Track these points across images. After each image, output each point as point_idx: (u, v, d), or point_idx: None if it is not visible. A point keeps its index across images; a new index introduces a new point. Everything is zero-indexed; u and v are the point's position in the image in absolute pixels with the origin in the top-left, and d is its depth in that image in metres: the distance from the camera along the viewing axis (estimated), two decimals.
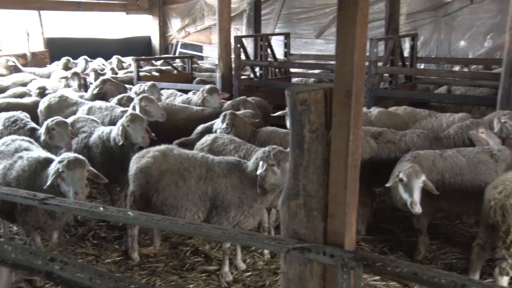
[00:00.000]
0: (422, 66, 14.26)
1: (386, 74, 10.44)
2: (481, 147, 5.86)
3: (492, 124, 6.53)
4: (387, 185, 5.11)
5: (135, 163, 5.36)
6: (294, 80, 12.97)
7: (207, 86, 9.03)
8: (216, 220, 5.06)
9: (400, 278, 2.64)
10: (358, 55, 2.45)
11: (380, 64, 9.75)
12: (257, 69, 12.39)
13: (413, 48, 11.09)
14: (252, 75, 12.44)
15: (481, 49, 15.28)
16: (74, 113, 8.07)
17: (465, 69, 12.40)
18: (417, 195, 4.89)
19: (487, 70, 12.08)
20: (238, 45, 11.03)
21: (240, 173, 5.03)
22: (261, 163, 4.76)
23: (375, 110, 7.63)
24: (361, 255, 2.37)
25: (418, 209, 4.86)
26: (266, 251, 5.66)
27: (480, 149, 5.70)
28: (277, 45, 14.12)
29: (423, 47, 16.02)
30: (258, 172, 4.75)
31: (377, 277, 5.06)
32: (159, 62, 15.51)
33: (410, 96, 10.06)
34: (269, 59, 12.41)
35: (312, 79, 12.58)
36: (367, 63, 9.32)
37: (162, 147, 5.49)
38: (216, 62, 11.44)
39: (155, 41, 21.71)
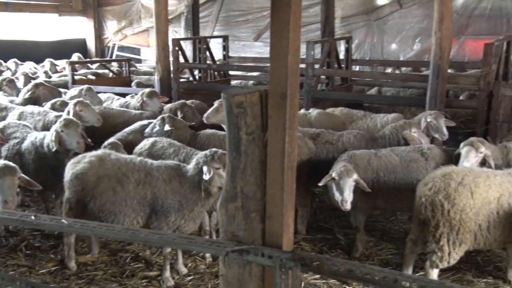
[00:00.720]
0: (357, 68, 14.68)
1: (323, 76, 10.66)
2: (412, 146, 6.11)
3: (420, 123, 6.81)
4: (320, 184, 5.23)
5: (71, 169, 5.20)
6: (234, 82, 13.00)
7: (147, 90, 8.89)
8: (156, 225, 4.99)
9: (337, 276, 2.70)
10: (292, 58, 2.49)
11: (317, 66, 9.94)
12: (196, 72, 12.32)
13: (348, 50, 11.38)
14: (191, 78, 12.36)
15: (410, 52, 15.95)
16: (3, 118, 7.72)
17: (397, 71, 12.87)
18: (347, 194, 5.04)
19: (416, 72, 12.60)
20: (176, 48, 10.93)
21: (180, 177, 4.98)
22: (205, 168, 4.74)
23: (314, 112, 7.78)
24: (299, 255, 2.41)
25: (347, 206, 5.03)
26: (207, 255, 5.63)
27: (411, 148, 5.94)
28: (216, 48, 14.10)
29: (358, 49, 16.50)
30: (205, 177, 4.73)
31: (317, 276, 5.16)
32: (95, 65, 15.10)
33: (346, 97, 10.32)
34: (208, 62, 12.37)
35: (251, 82, 12.65)
36: (304, 66, 9.50)
37: (99, 152, 5.36)
38: (154, 65, 11.28)
39: (91, 44, 21.10)
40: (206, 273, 5.36)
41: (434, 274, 4.63)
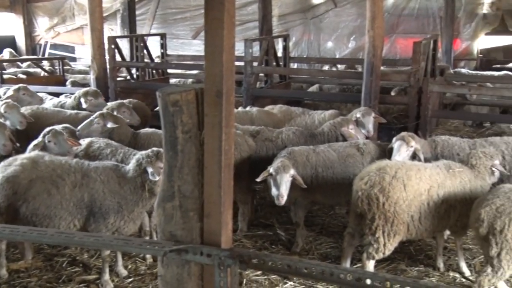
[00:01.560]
0: (295, 66, 14.90)
1: (261, 74, 10.74)
2: (349, 141, 6.27)
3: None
4: (258, 179, 5.29)
5: (1, 172, 4.97)
6: (173, 81, 12.85)
7: (89, 89, 8.64)
8: (94, 228, 4.86)
9: (277, 272, 2.74)
10: (227, 56, 2.50)
11: (255, 64, 10.01)
12: (134, 71, 12.08)
13: (285, 48, 11.53)
14: (129, 77, 12.11)
15: (346, 49, 16.42)
16: None
17: (334, 68, 13.17)
18: (283, 189, 5.12)
19: (352, 69, 12.95)
20: (112, 46, 10.67)
21: (119, 178, 4.89)
22: (150, 169, 4.68)
23: (254, 109, 7.84)
24: (237, 253, 2.42)
25: (283, 201, 5.12)
26: (148, 255, 5.55)
27: (348, 144, 6.10)
28: (154, 46, 13.90)
29: (295, 47, 16.78)
30: (153, 178, 4.68)
31: (259, 272, 5.20)
32: (25, 64, 14.48)
33: (285, 94, 10.45)
34: (145, 60, 12.17)
35: (190, 80, 12.56)
36: (242, 64, 9.54)
37: (32, 154, 5.17)
38: (90, 63, 10.97)
39: (20, 41, 20.20)
40: (147, 274, 5.28)
41: (370, 265, 4.78)
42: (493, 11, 15.56)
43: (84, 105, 8.30)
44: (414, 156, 5.64)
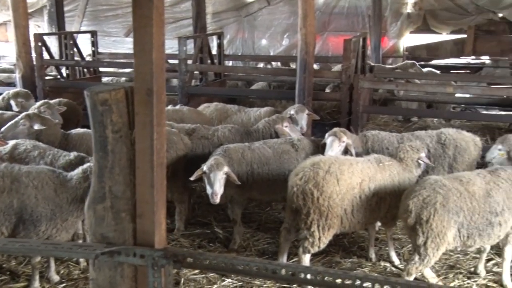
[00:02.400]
0: (230, 63, 14.93)
1: (196, 72, 10.68)
2: (284, 138, 6.35)
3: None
4: (192, 178, 5.26)
5: None
6: (105, 79, 12.52)
7: (20, 91, 8.26)
8: (23, 235, 4.62)
9: (213, 270, 2.74)
10: (156, 54, 2.46)
11: (190, 62, 9.93)
12: (63, 69, 11.66)
13: (220, 46, 11.52)
14: (58, 76, 11.68)
15: (280, 47, 16.65)
16: None
17: (268, 66, 13.31)
18: (217, 187, 5.13)
19: (286, 66, 13.14)
20: (39, 44, 10.24)
21: (56, 185, 4.65)
22: None
23: (184, 108, 7.79)
24: (171, 252, 2.40)
25: (217, 199, 5.13)
26: (82, 259, 5.37)
27: (283, 140, 6.18)
28: (84, 44, 13.47)
29: (230, 45, 16.80)
30: None
31: (197, 271, 5.17)
32: None
33: (220, 92, 10.44)
34: (76, 58, 11.78)
35: (123, 78, 12.28)
36: (177, 61, 9.44)
37: None
38: (15, 61, 10.47)
39: None
40: (81, 279, 5.12)
41: (306, 259, 4.88)
42: (416, 10, 16.30)
43: (14, 108, 7.91)
44: (346, 151, 5.80)
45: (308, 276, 2.27)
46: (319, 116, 7.61)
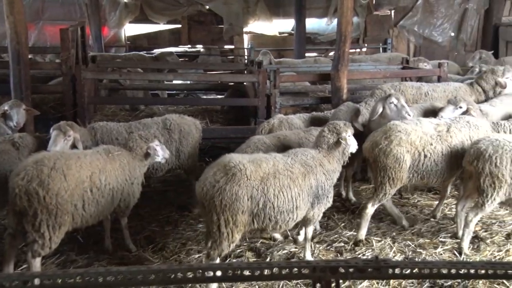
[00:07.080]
0: None
1: None
2: (3, 137, 5.81)
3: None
4: None
5: None
6: None
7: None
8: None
9: None
10: None
11: None
12: None
13: None
14: None
15: None
16: None
17: None
18: None
19: None
20: None
21: None
22: None
23: None
24: None
25: None
26: None
27: (1, 139, 5.65)
28: None
29: None
30: None
31: None
32: None
33: None
34: None
35: None
36: None
37: None
38: None
39: None
40: None
41: (37, 263, 4.55)
42: (133, 1, 16.56)
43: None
44: (74, 146, 5.58)
45: (45, 282, 2.12)
46: (40, 111, 7.10)
